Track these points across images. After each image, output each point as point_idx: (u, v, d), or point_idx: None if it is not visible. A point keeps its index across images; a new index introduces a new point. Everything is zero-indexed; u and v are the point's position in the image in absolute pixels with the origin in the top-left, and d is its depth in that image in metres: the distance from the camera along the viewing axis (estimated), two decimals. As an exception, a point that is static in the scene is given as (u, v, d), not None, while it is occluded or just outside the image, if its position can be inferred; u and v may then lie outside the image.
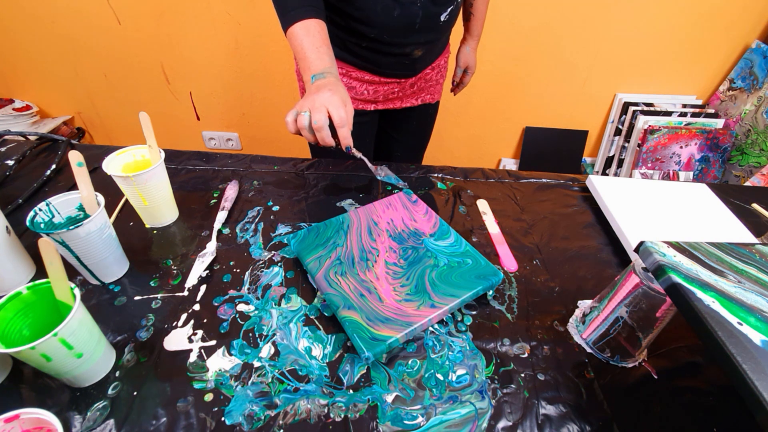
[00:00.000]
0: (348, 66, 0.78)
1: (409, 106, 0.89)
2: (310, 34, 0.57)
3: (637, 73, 1.61)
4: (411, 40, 0.73)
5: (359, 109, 0.84)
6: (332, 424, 0.38)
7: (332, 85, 0.54)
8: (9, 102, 1.71)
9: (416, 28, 0.71)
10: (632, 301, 0.40)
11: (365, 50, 0.75)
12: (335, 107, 0.52)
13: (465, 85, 1.02)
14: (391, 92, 0.84)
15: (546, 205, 0.68)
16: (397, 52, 0.75)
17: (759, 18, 1.47)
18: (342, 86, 0.56)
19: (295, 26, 0.58)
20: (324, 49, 0.58)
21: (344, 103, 0.53)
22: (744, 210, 0.70)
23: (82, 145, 0.76)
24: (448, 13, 0.72)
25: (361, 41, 0.73)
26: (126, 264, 0.52)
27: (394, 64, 0.78)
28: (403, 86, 0.84)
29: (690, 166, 1.62)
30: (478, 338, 0.46)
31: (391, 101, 0.86)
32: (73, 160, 0.46)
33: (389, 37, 0.71)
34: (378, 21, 0.68)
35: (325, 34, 0.59)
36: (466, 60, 0.98)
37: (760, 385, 0.26)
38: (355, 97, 0.82)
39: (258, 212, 0.62)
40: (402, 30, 0.71)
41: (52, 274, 0.37)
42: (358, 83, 0.80)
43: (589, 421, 0.40)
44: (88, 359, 0.38)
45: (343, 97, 0.54)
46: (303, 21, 0.58)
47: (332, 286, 0.48)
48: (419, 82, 0.86)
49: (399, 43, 0.73)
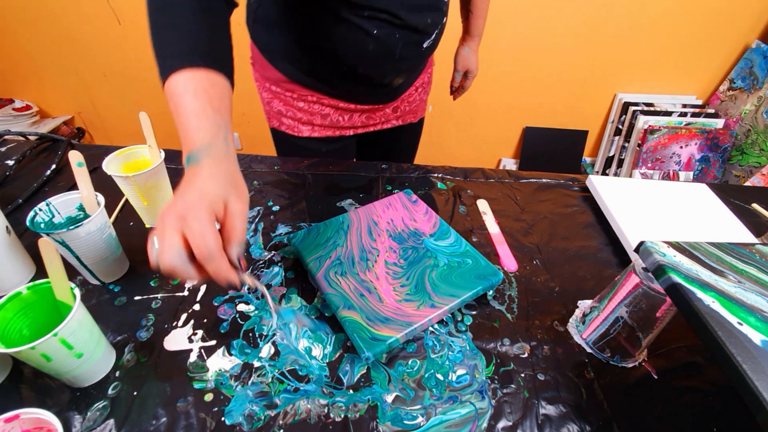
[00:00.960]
0: (318, 94, 0.70)
1: (390, 127, 0.81)
2: (190, 93, 0.38)
3: (637, 73, 1.61)
4: (390, 70, 0.66)
5: (336, 135, 0.76)
6: (332, 424, 0.38)
7: (206, 179, 0.35)
8: (9, 102, 1.71)
9: (395, 58, 0.63)
10: (632, 301, 0.40)
11: (337, 79, 0.67)
12: (189, 222, 0.32)
13: (466, 89, 0.93)
14: (369, 118, 0.77)
15: (546, 205, 0.68)
16: (375, 82, 0.68)
17: (759, 18, 1.47)
18: (223, 170, 0.37)
19: (174, 79, 0.39)
20: (208, 112, 0.38)
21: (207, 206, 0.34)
22: (744, 210, 0.70)
23: (82, 145, 0.76)
24: (432, 38, 0.65)
25: (331, 71, 0.66)
26: (126, 264, 0.52)
27: (371, 93, 0.71)
28: (383, 111, 0.77)
29: (690, 166, 1.62)
30: (478, 338, 0.46)
31: (372, 126, 0.79)
32: (73, 160, 0.46)
33: (364, 70, 0.64)
34: (350, 54, 0.61)
35: (218, 89, 0.40)
36: (466, 63, 0.88)
37: (760, 385, 0.26)
38: (330, 124, 0.74)
39: (258, 212, 0.62)
40: (378, 62, 0.63)
41: (52, 274, 0.37)
42: (332, 110, 0.72)
43: (589, 421, 0.40)
44: (88, 359, 0.38)
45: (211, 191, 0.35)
46: (185, 72, 0.39)
47: (332, 286, 0.48)
48: (402, 105, 0.79)
49: (376, 74, 0.66)
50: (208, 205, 0.34)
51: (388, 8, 0.57)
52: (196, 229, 0.32)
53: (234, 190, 0.37)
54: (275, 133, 0.78)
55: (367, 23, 0.58)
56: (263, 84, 0.74)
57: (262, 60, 0.71)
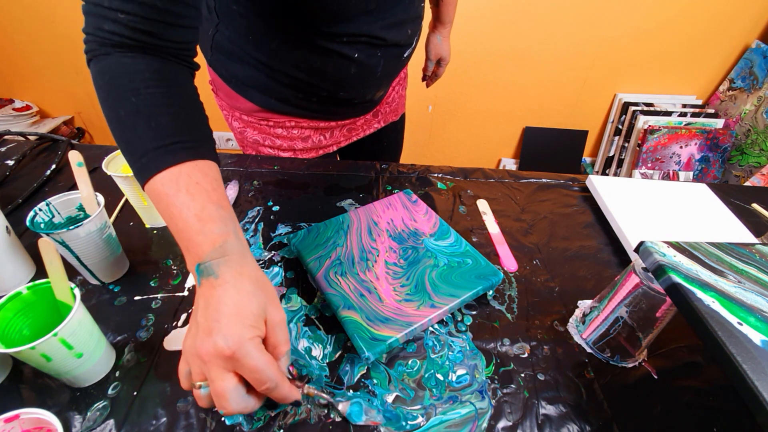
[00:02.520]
0: (296, 118, 0.67)
1: (372, 131, 0.80)
2: (183, 192, 0.33)
3: (637, 73, 1.61)
4: (371, 88, 0.64)
5: (320, 155, 0.75)
6: (332, 424, 0.38)
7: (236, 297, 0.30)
8: (9, 102, 1.71)
9: (378, 76, 0.61)
10: (632, 301, 0.40)
11: (315, 104, 0.64)
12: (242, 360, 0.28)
13: (439, 76, 0.90)
14: (351, 130, 0.75)
15: (546, 205, 0.68)
16: (357, 101, 0.66)
17: (759, 18, 1.47)
18: (253, 279, 0.32)
19: (155, 181, 0.34)
20: (211, 209, 0.33)
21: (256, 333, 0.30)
22: (744, 210, 0.70)
23: (82, 145, 0.76)
24: (411, 47, 0.63)
25: (309, 98, 0.62)
26: (126, 264, 0.52)
27: (352, 110, 0.69)
28: (364, 118, 0.75)
29: (690, 166, 1.62)
30: (478, 338, 0.46)
31: (355, 135, 0.77)
32: (73, 160, 0.46)
33: (346, 93, 0.62)
34: (330, 80, 0.59)
35: (212, 178, 0.35)
36: (439, 50, 0.84)
37: (760, 385, 0.26)
38: (312, 146, 0.71)
39: (258, 212, 0.62)
40: (360, 84, 0.61)
41: (52, 274, 0.37)
42: (312, 131, 0.69)
43: (589, 421, 0.40)
44: (88, 359, 0.38)
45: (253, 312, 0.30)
46: (168, 170, 0.33)
47: (332, 286, 0.48)
48: (383, 107, 0.77)
49: (357, 94, 0.64)
50: (253, 332, 0.29)
51: (369, 32, 0.54)
52: (253, 367, 0.28)
53: (266, 298, 0.32)
54: None
55: (346, 48, 0.55)
56: (232, 113, 0.68)
57: (227, 89, 0.65)
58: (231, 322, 0.29)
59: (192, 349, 0.30)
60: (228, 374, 0.28)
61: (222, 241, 0.32)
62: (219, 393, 0.28)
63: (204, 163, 0.36)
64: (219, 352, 0.28)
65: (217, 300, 0.30)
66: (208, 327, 0.29)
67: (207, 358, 0.29)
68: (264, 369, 0.29)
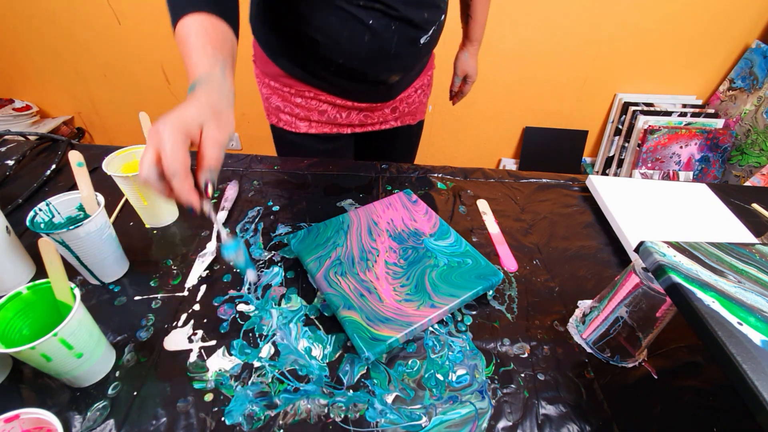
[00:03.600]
0: (315, 90, 0.70)
1: (388, 128, 0.81)
2: (192, 34, 0.44)
3: (637, 73, 1.61)
4: (385, 67, 0.66)
5: (333, 133, 0.77)
6: (332, 424, 0.38)
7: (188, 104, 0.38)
8: (9, 102, 1.71)
9: (391, 54, 0.63)
10: (632, 301, 0.40)
11: (333, 75, 0.67)
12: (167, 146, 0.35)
13: (465, 94, 0.94)
14: (367, 116, 0.76)
15: (546, 205, 0.68)
16: (371, 79, 0.67)
17: (759, 18, 1.47)
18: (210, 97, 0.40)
19: (181, 23, 0.45)
20: (207, 49, 0.43)
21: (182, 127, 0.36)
22: (744, 210, 0.70)
23: (82, 145, 0.76)
24: (430, 35, 0.65)
25: (327, 66, 0.65)
26: (126, 264, 0.52)
27: (367, 91, 0.71)
28: (381, 110, 0.76)
29: (690, 166, 1.62)
30: (478, 338, 0.46)
31: (369, 125, 0.78)
32: (73, 160, 0.46)
33: (359, 64, 0.64)
34: (345, 48, 0.61)
35: (219, 31, 0.45)
36: (465, 68, 0.89)
37: (760, 385, 0.26)
38: (327, 121, 0.74)
39: (258, 212, 0.62)
40: (374, 57, 0.63)
41: (52, 274, 0.37)
42: (329, 107, 0.72)
43: (589, 421, 0.40)
44: (88, 359, 0.38)
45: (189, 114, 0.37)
46: (190, 16, 0.44)
47: (332, 286, 0.48)
48: (401, 105, 0.78)
49: (371, 71, 0.66)
50: (181, 126, 0.36)
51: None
52: (166, 148, 0.35)
53: (213, 117, 0.38)
54: (274, 129, 0.79)
55: (362, 12, 0.58)
56: (262, 80, 0.75)
57: (262, 55, 0.72)
58: (173, 115, 0.37)
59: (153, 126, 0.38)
60: (152, 150, 0.35)
61: (208, 71, 0.42)
62: (142, 161, 0.35)
63: (219, 21, 0.45)
64: (154, 131, 0.36)
65: (181, 106, 0.38)
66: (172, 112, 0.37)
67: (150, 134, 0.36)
68: (169, 154, 0.35)
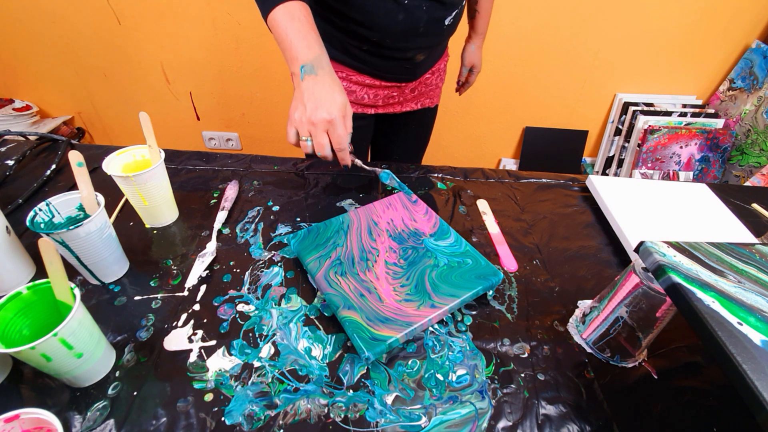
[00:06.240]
0: (348, 69, 0.76)
1: (408, 110, 0.88)
2: (294, 19, 0.52)
3: (637, 73, 1.61)
4: (413, 44, 0.71)
5: (358, 113, 0.82)
6: (332, 424, 0.38)
7: (328, 86, 0.50)
8: (9, 102, 1.71)
9: (420, 32, 0.69)
10: (632, 301, 0.40)
11: (366, 54, 0.73)
12: (335, 127, 0.49)
13: (471, 84, 1.01)
14: (390, 97, 0.82)
15: (546, 205, 0.68)
16: (399, 56, 0.73)
17: (759, 18, 1.47)
18: (337, 81, 0.52)
19: (277, 10, 0.52)
20: (312, 35, 0.52)
21: (343, 114, 0.50)
22: (744, 210, 0.70)
23: (82, 145, 0.76)
24: (453, 16, 0.71)
25: (361, 44, 0.71)
26: (126, 264, 0.52)
27: (395, 68, 0.77)
28: (403, 90, 0.82)
29: (690, 166, 1.62)
30: (478, 338, 0.46)
31: (391, 105, 0.85)
32: (73, 160, 0.46)
33: (391, 41, 0.69)
34: (380, 25, 0.67)
35: (311, 18, 0.54)
36: (472, 59, 0.96)
37: (760, 385, 0.26)
38: (354, 101, 0.80)
39: (258, 212, 0.62)
40: (404, 34, 0.69)
41: (52, 274, 0.37)
42: (358, 87, 0.79)
43: (589, 421, 0.40)
44: (88, 359, 0.38)
45: (341, 101, 0.51)
46: (285, 4, 0.52)
47: (332, 286, 0.48)
48: (420, 86, 0.85)
49: (401, 47, 0.71)
50: (344, 114, 0.50)
51: None
52: (340, 133, 0.50)
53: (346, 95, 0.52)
54: None
55: None
56: None
57: None
58: (331, 103, 0.50)
59: (303, 118, 0.51)
60: (325, 134, 0.50)
61: (319, 54, 0.52)
62: (321, 144, 0.51)
63: (306, 7, 0.54)
64: (324, 120, 0.49)
65: (319, 89, 0.50)
66: (315, 105, 0.50)
67: (317, 123, 0.50)
68: (343, 136, 0.51)
